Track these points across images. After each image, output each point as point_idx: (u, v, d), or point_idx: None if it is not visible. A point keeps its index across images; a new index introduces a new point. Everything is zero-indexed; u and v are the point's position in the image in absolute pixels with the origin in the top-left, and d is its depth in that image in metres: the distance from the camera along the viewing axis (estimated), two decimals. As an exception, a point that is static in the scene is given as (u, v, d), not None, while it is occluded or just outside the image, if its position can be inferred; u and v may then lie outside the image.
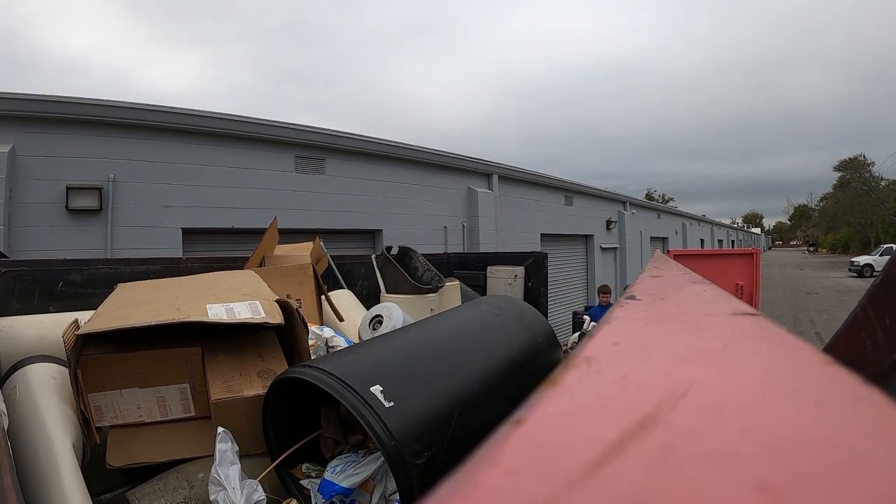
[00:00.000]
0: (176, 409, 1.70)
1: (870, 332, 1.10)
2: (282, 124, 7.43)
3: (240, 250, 5.24)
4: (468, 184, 10.52)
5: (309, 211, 7.65)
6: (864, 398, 0.30)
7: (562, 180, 14.04)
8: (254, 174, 7.12)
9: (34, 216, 5.50)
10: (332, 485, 1.52)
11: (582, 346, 0.44)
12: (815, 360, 0.38)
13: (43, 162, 5.56)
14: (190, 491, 1.55)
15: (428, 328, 2.02)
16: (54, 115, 5.61)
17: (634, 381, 0.35)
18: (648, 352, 0.43)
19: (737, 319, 0.53)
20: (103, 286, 2.53)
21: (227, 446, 1.45)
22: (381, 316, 2.62)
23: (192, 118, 6.55)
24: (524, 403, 0.31)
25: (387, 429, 1.29)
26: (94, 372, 1.60)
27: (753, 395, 0.32)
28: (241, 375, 1.72)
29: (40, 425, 1.49)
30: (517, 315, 2.23)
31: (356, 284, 3.82)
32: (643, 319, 0.56)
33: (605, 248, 16.43)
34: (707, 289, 0.79)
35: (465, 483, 0.23)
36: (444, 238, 9.78)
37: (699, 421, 0.28)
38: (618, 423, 0.28)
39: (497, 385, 1.71)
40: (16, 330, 2.09)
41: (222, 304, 1.78)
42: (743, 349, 0.43)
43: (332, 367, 1.47)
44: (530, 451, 0.25)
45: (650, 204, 23.82)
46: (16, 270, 2.49)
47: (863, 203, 55.83)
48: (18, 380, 1.72)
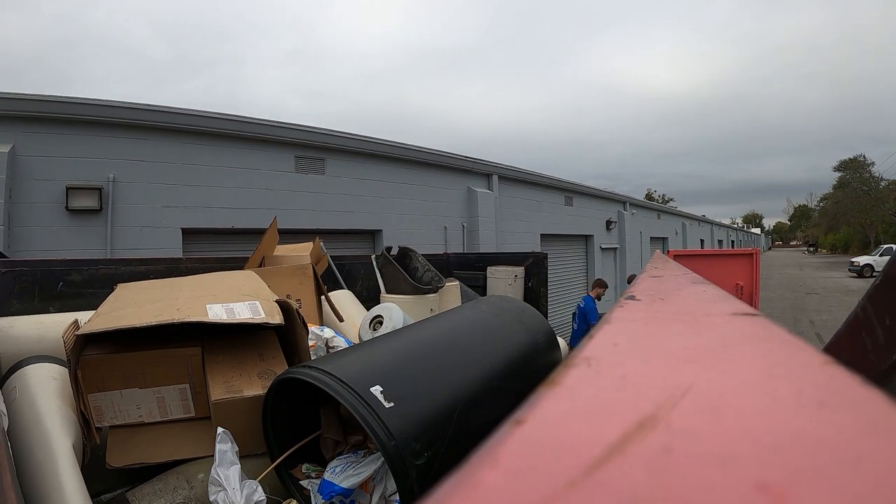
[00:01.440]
0: (176, 410, 1.70)
1: (870, 332, 1.10)
2: (281, 124, 7.43)
3: (240, 250, 5.25)
4: (468, 184, 10.52)
5: (309, 211, 7.65)
6: (864, 398, 0.30)
7: (561, 180, 14.04)
8: (254, 174, 7.12)
9: (34, 216, 5.50)
10: (332, 485, 1.52)
11: (582, 347, 0.44)
12: (815, 361, 0.38)
13: (43, 162, 5.56)
14: (190, 491, 1.55)
15: (428, 328, 2.02)
16: (54, 115, 5.61)
17: (634, 381, 0.35)
18: (648, 352, 0.43)
19: (737, 320, 0.53)
20: (103, 286, 2.53)
21: (226, 447, 1.45)
22: (381, 316, 2.62)
23: (191, 118, 6.55)
24: (524, 403, 0.31)
25: (386, 429, 1.29)
26: (94, 372, 1.60)
27: (753, 396, 0.32)
28: (241, 376, 1.72)
29: (40, 425, 1.49)
30: (517, 315, 2.23)
31: (356, 285, 3.82)
32: (643, 319, 0.56)
33: (605, 249, 16.43)
34: (707, 289, 0.79)
35: (465, 483, 0.23)
36: (444, 238, 9.78)
37: (699, 421, 0.28)
38: (618, 424, 0.28)
39: (497, 385, 1.71)
40: (16, 330, 2.09)
41: (222, 304, 1.78)
42: (743, 349, 0.43)
43: (332, 368, 1.47)
44: (530, 452, 0.25)
45: (650, 204, 23.82)
46: (16, 270, 2.49)
47: (863, 203, 55.82)
48: (18, 380, 1.72)
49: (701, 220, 32.40)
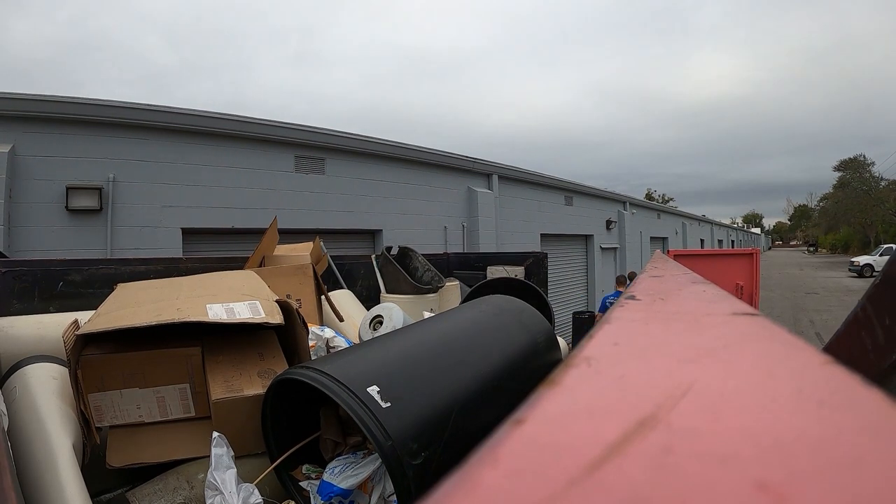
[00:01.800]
0: (176, 409, 1.70)
1: (869, 331, 1.10)
2: (282, 124, 7.43)
3: (240, 250, 5.24)
4: (468, 184, 10.52)
5: (309, 211, 7.65)
6: (864, 398, 0.30)
7: (562, 180, 14.04)
8: (254, 174, 7.13)
9: (34, 216, 5.50)
10: (331, 486, 1.51)
11: (581, 346, 0.44)
12: (815, 360, 0.38)
13: (43, 162, 5.56)
14: (190, 491, 1.55)
15: (427, 328, 2.02)
16: (54, 115, 5.61)
17: (634, 381, 0.35)
18: (648, 352, 0.43)
19: (737, 319, 0.53)
20: (103, 286, 2.53)
21: (222, 451, 1.45)
22: (381, 316, 2.62)
23: (191, 118, 6.56)
24: (524, 403, 0.31)
25: (383, 429, 1.29)
26: (94, 372, 1.60)
27: (754, 395, 0.32)
28: (241, 375, 1.72)
29: (40, 425, 1.49)
30: (516, 315, 2.23)
31: (356, 284, 3.82)
32: (643, 319, 0.56)
33: (605, 248, 16.44)
34: (707, 289, 0.79)
35: (464, 483, 0.23)
36: (444, 238, 9.78)
37: (699, 421, 0.28)
38: (618, 424, 0.28)
39: (495, 385, 1.71)
40: (16, 330, 2.09)
41: (222, 304, 1.78)
42: (743, 349, 0.43)
43: (329, 368, 1.46)
44: (530, 452, 0.25)
45: (650, 204, 23.83)
46: (16, 270, 2.49)
47: (863, 203, 55.84)
48: (18, 380, 1.72)
49: (701, 220, 32.40)
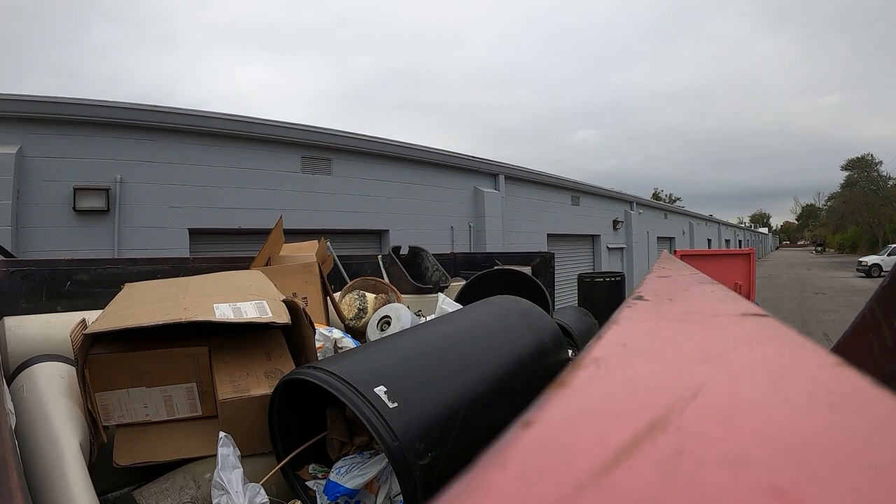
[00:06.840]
0: (183, 409, 1.70)
1: (877, 333, 1.09)
2: (288, 125, 7.45)
3: (246, 250, 5.26)
4: (474, 184, 10.52)
5: (315, 211, 7.67)
6: (875, 400, 0.30)
7: (568, 180, 14.02)
8: (260, 175, 7.15)
9: (42, 217, 5.54)
10: (338, 486, 1.52)
11: (590, 347, 0.43)
12: (825, 362, 0.37)
13: (50, 163, 5.60)
14: (197, 491, 1.55)
15: (434, 329, 2.02)
16: (61, 116, 5.65)
17: (644, 382, 0.35)
18: (657, 353, 0.43)
19: (746, 320, 0.53)
20: (110, 286, 2.54)
21: (228, 451, 1.45)
22: (389, 317, 2.62)
23: (198, 119, 6.59)
24: (532, 405, 0.31)
25: (390, 429, 1.29)
26: (101, 371, 1.61)
27: (764, 397, 0.32)
28: (248, 375, 1.72)
29: (47, 424, 1.50)
30: (523, 315, 2.22)
31: (362, 284, 3.82)
32: (651, 320, 0.56)
33: (612, 248, 16.39)
34: (715, 289, 0.78)
35: (473, 486, 0.22)
36: (451, 238, 9.78)
37: (710, 423, 0.28)
38: (627, 426, 0.27)
39: (502, 386, 1.71)
40: (24, 329, 2.10)
41: (229, 303, 1.78)
42: (753, 350, 0.43)
43: (336, 368, 1.46)
44: (539, 454, 0.25)
45: (657, 204, 23.75)
46: (24, 270, 2.50)
47: (871, 202, 55.47)
48: (26, 379, 1.73)
49: (708, 220, 32.27)
